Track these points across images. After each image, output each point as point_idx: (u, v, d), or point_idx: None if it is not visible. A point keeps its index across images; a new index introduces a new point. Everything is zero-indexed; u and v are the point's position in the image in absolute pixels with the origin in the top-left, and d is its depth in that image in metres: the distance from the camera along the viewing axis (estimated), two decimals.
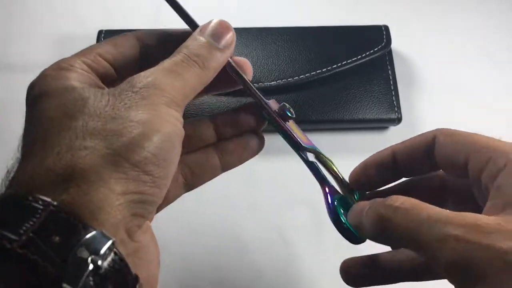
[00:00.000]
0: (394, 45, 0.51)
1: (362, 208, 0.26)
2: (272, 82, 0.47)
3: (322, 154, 0.31)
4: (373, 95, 0.48)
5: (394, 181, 0.31)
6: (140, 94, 0.23)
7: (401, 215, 0.23)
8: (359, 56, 0.49)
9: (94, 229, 0.19)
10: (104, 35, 0.50)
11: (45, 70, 0.25)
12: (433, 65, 0.53)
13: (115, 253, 0.20)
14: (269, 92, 0.47)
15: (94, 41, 0.49)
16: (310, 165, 0.31)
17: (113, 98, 0.23)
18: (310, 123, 0.47)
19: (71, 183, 0.20)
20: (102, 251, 0.19)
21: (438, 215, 0.22)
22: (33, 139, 0.22)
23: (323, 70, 0.48)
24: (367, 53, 0.49)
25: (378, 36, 0.50)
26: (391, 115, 0.48)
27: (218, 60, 0.26)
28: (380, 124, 0.49)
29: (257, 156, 0.32)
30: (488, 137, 0.26)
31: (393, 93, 0.48)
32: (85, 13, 0.55)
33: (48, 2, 0.56)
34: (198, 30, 0.27)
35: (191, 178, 0.31)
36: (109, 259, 0.19)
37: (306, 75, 0.48)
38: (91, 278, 0.18)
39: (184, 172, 0.30)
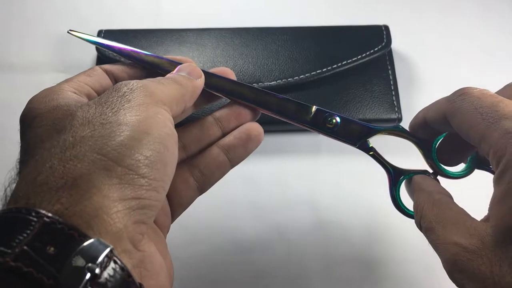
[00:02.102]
0: (394, 45, 0.51)
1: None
2: (272, 82, 0.47)
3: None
4: (373, 95, 0.48)
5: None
6: (126, 98, 0.23)
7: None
8: (359, 56, 0.49)
9: (91, 238, 0.19)
10: (104, 35, 0.50)
11: (32, 97, 0.26)
12: (433, 65, 0.53)
13: (115, 262, 0.19)
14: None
15: None
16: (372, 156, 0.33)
17: (100, 106, 0.23)
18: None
19: (63, 193, 0.19)
20: (99, 259, 0.18)
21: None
22: (27, 160, 0.22)
23: (323, 70, 0.48)
24: (367, 53, 0.49)
25: (378, 36, 0.50)
26: (391, 115, 0.48)
27: (195, 84, 0.29)
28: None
29: (257, 156, 0.32)
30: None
31: (393, 93, 0.48)
32: (85, 13, 0.55)
33: (48, 2, 0.56)
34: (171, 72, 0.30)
35: (202, 179, 0.31)
36: (109, 268, 0.18)
37: (306, 75, 0.48)
38: None
39: (194, 174, 0.31)
